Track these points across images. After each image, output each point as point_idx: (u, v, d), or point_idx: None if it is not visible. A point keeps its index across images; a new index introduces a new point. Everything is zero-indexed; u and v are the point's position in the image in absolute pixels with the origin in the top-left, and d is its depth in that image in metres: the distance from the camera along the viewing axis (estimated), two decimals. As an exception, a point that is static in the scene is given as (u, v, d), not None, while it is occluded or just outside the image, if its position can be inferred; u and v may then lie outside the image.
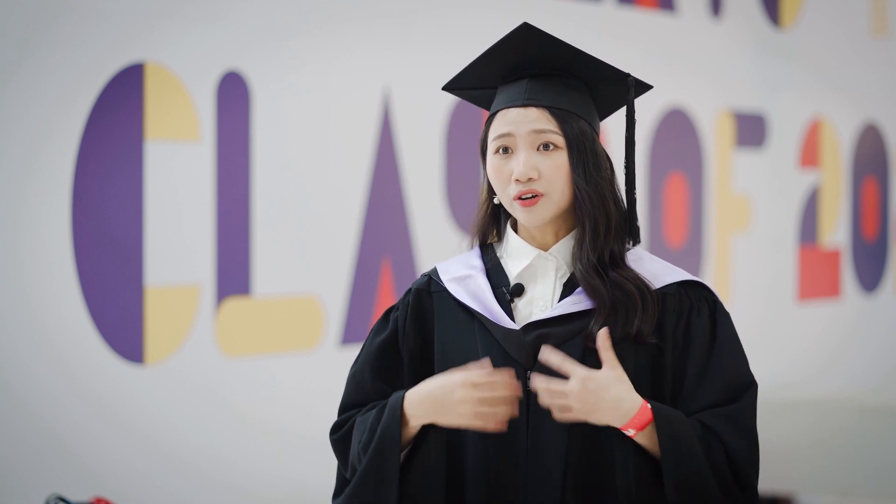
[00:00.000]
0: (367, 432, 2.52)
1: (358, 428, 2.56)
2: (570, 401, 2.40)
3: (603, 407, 2.40)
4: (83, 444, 3.96)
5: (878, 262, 7.20)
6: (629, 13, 5.74)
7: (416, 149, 4.82)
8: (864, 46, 7.06)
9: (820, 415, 5.96)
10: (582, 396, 2.40)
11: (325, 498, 4.50)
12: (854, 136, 7.01)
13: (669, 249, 5.92)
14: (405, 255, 4.80)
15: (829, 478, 5.90)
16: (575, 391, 2.40)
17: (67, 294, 3.91)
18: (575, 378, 2.40)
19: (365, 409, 2.58)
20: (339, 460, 2.62)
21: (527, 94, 2.55)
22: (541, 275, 2.57)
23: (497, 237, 2.66)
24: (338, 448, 2.62)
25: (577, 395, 2.40)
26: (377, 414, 2.53)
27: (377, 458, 2.49)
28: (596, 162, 2.55)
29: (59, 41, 3.87)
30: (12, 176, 3.80)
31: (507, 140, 2.54)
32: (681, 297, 2.55)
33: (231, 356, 4.29)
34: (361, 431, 2.54)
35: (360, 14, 4.65)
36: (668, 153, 5.91)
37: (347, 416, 2.62)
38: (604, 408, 2.40)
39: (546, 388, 2.41)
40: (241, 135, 4.31)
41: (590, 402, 2.40)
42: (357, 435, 2.55)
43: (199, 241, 4.20)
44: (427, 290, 2.63)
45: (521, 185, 2.52)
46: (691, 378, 2.51)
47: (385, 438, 2.49)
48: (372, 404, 2.58)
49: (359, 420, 2.57)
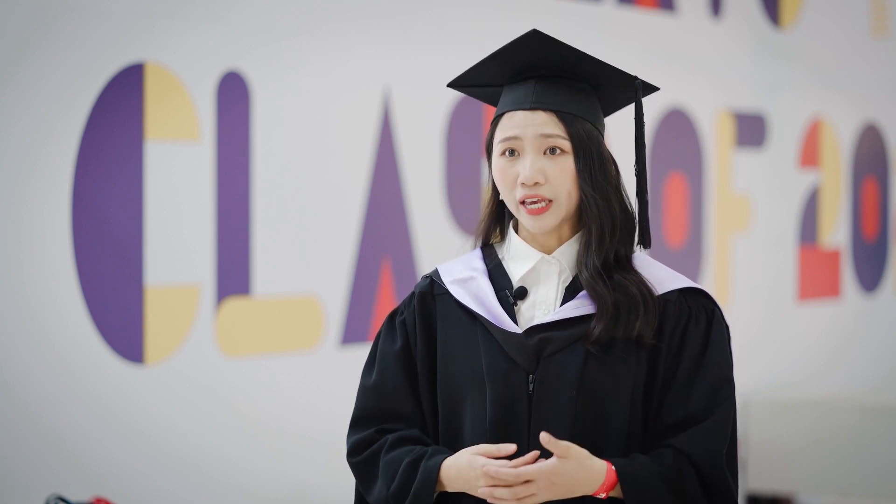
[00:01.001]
0: (397, 481, 2.55)
1: (387, 468, 2.57)
2: (543, 495, 2.45)
3: (574, 489, 2.46)
4: (83, 444, 3.96)
5: (878, 262, 7.20)
6: (629, 13, 5.74)
7: (416, 149, 4.82)
8: (864, 46, 7.06)
9: (820, 415, 5.96)
10: (553, 491, 2.45)
11: (325, 498, 4.51)
12: (854, 136, 7.01)
13: (669, 249, 5.92)
14: (405, 255, 4.80)
15: (829, 478, 5.90)
16: (544, 487, 2.44)
17: (67, 294, 3.91)
18: (542, 477, 2.44)
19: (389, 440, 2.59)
20: (359, 483, 2.64)
21: (534, 97, 2.55)
22: (543, 278, 2.57)
23: (500, 237, 2.66)
24: (359, 472, 2.63)
25: (547, 490, 2.45)
26: (408, 469, 2.54)
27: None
28: (602, 165, 2.55)
29: (59, 41, 3.87)
30: (12, 176, 3.80)
31: (514, 143, 2.55)
32: (681, 304, 2.56)
33: (231, 356, 4.29)
34: (391, 476, 2.56)
35: (360, 14, 4.65)
36: (668, 153, 5.91)
37: (367, 437, 2.61)
38: (575, 489, 2.46)
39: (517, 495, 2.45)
40: (241, 135, 4.31)
41: (560, 492, 2.46)
42: (385, 476, 2.57)
43: (199, 241, 4.20)
44: (430, 293, 2.63)
45: (527, 188, 2.52)
46: (677, 387, 2.53)
47: (417, 501, 2.53)
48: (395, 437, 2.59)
49: (386, 459, 2.58)
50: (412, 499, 2.52)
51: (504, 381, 2.52)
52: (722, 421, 2.52)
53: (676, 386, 2.53)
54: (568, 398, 2.50)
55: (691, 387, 2.53)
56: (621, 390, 2.51)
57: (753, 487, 6.05)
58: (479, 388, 2.54)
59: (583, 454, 2.45)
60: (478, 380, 2.54)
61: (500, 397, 2.52)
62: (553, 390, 2.50)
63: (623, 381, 2.51)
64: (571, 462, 2.44)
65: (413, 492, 2.52)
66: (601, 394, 2.51)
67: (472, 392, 2.55)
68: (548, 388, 2.50)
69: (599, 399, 2.51)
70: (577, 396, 2.50)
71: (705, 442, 2.50)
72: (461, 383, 2.56)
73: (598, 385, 2.51)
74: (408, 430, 2.60)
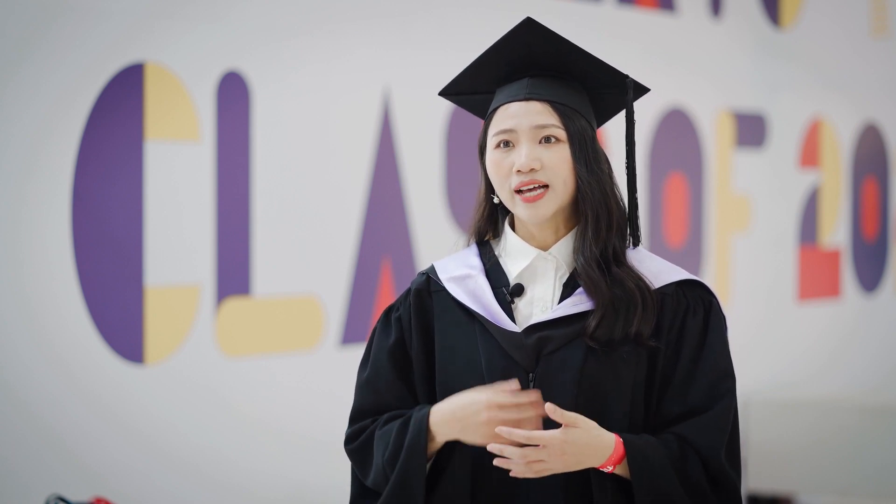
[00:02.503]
0: (390, 446, 2.53)
1: (380, 440, 2.56)
2: (553, 464, 2.44)
3: (584, 460, 2.45)
4: (83, 444, 3.96)
5: (878, 262, 7.20)
6: (629, 13, 5.74)
7: (416, 149, 4.82)
8: (864, 46, 7.06)
9: (820, 415, 5.96)
10: (564, 461, 2.43)
11: (325, 498, 4.51)
12: (854, 136, 7.01)
13: (669, 249, 5.92)
14: (405, 255, 4.80)
15: (829, 478, 5.90)
16: (555, 455, 2.43)
17: (67, 294, 3.91)
18: (554, 444, 2.43)
19: (383, 418, 2.58)
20: (357, 469, 2.62)
21: (528, 89, 2.54)
22: (541, 275, 2.57)
23: (493, 235, 2.65)
24: (356, 458, 2.61)
25: (559, 459, 2.43)
26: (400, 428, 2.53)
27: (404, 474, 2.50)
28: (597, 158, 2.55)
29: (59, 41, 3.87)
30: (12, 176, 3.80)
31: (509, 135, 2.54)
32: (679, 297, 2.55)
33: (231, 356, 4.29)
34: (385, 444, 2.54)
35: (360, 14, 4.65)
36: (668, 153, 5.91)
37: (362, 425, 2.61)
38: (584, 460, 2.45)
39: (526, 457, 2.43)
40: (241, 135, 4.31)
41: (571, 461, 2.44)
42: (380, 447, 2.55)
43: (199, 241, 4.20)
44: (427, 290, 2.62)
45: (523, 175, 2.51)
46: (678, 380, 2.53)
47: (411, 455, 2.50)
48: (389, 415, 2.58)
49: (380, 432, 2.56)
50: (405, 454, 2.50)
51: (503, 379, 2.51)
52: (722, 414, 2.52)
53: (676, 380, 2.53)
54: (568, 396, 2.49)
55: (691, 381, 2.53)
56: (621, 387, 2.51)
57: (753, 487, 6.05)
58: (478, 385, 2.53)
59: (591, 424, 2.44)
60: (477, 378, 2.53)
61: (500, 396, 2.52)
62: (553, 388, 2.50)
63: (623, 378, 2.51)
64: (582, 431, 2.43)
65: (406, 447, 2.49)
66: (601, 391, 2.51)
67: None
68: (548, 387, 2.50)
69: (599, 396, 2.51)
70: (577, 394, 2.50)
71: (706, 432, 2.50)
72: (460, 380, 2.55)
73: (597, 382, 2.51)
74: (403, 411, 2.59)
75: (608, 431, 2.46)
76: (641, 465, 2.45)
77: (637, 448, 2.46)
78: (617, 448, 2.46)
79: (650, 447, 2.47)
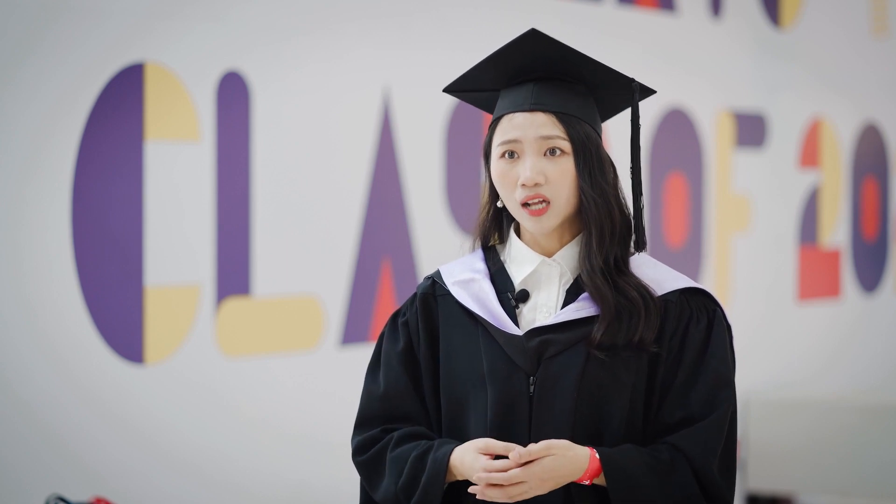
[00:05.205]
0: (405, 476, 2.55)
1: (394, 464, 2.58)
2: (535, 492, 2.47)
3: (561, 480, 2.48)
4: (83, 444, 3.96)
5: (878, 262, 7.20)
6: (629, 13, 5.74)
7: (416, 149, 4.82)
8: (864, 46, 7.06)
9: (820, 415, 5.96)
10: (543, 486, 2.47)
11: (325, 498, 4.51)
12: (854, 136, 7.01)
13: (669, 249, 5.92)
14: (405, 255, 4.80)
15: (829, 478, 5.90)
16: (535, 485, 2.47)
17: (67, 294, 3.91)
18: (532, 477, 2.46)
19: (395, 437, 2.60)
20: (364, 482, 2.64)
21: (533, 99, 2.55)
22: (545, 281, 2.58)
23: (499, 240, 2.66)
24: (365, 472, 2.63)
25: (538, 487, 2.47)
26: (416, 462, 2.55)
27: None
28: (601, 167, 2.56)
29: (59, 41, 3.87)
30: (12, 176, 3.80)
31: (514, 145, 2.55)
32: (682, 305, 2.57)
33: (231, 356, 4.29)
34: (398, 471, 2.57)
35: (360, 14, 4.65)
36: (668, 153, 5.91)
37: (372, 436, 2.62)
38: (562, 480, 2.48)
39: (512, 498, 2.47)
40: (241, 135, 4.31)
41: (550, 485, 2.48)
42: (393, 472, 2.57)
43: (199, 241, 4.20)
44: (432, 294, 2.64)
45: (528, 189, 2.53)
46: (677, 388, 2.54)
47: (428, 494, 2.53)
48: (401, 434, 2.59)
49: (392, 455, 2.58)
50: (422, 491, 2.53)
51: (505, 382, 2.53)
52: (719, 422, 2.53)
53: (676, 387, 2.54)
54: (568, 400, 2.51)
55: (691, 388, 2.54)
56: (622, 392, 2.52)
57: (753, 487, 6.05)
58: (480, 388, 2.55)
59: (563, 446, 2.47)
60: (479, 381, 2.55)
61: (501, 399, 2.53)
62: (553, 392, 2.51)
63: (623, 384, 2.52)
64: (557, 458, 2.46)
65: (423, 485, 2.53)
66: (601, 396, 2.52)
67: (473, 393, 2.56)
68: (548, 390, 2.51)
69: (599, 401, 2.52)
70: (578, 398, 2.51)
71: (700, 441, 2.51)
72: (463, 384, 2.57)
73: (598, 387, 2.52)
74: (413, 427, 2.61)
75: (582, 447, 2.49)
76: (617, 476, 2.48)
77: (613, 460, 2.49)
78: (591, 462, 2.48)
79: (629, 458, 2.49)
